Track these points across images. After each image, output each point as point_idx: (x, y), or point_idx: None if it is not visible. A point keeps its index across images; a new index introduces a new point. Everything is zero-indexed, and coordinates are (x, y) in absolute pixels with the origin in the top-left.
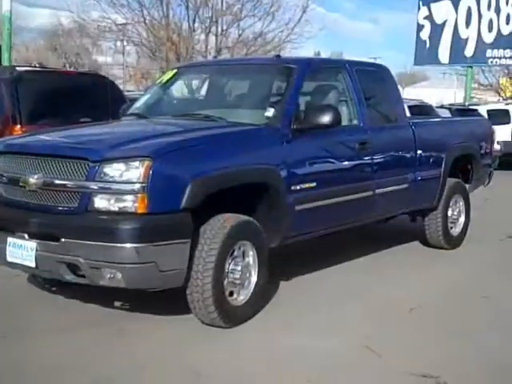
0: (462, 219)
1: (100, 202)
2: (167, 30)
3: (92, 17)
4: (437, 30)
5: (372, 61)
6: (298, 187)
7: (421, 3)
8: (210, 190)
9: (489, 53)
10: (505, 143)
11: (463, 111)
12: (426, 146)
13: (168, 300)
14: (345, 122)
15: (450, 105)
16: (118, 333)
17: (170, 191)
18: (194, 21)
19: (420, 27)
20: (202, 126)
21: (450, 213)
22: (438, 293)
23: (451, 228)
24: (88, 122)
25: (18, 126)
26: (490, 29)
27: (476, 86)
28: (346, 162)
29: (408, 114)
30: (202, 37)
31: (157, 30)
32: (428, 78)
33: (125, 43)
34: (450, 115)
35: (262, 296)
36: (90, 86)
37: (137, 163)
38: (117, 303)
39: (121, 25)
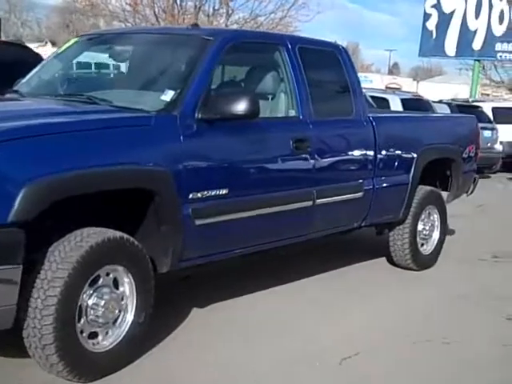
0: (436, 235)
1: None
2: (154, 8)
3: None
4: (444, 19)
5: (387, 53)
6: (200, 195)
7: None
8: (54, 197)
9: (498, 46)
10: (509, 144)
11: (464, 107)
12: (389, 146)
13: None
14: (279, 114)
15: (451, 100)
16: None
17: None
18: None
19: (427, 16)
20: (70, 111)
21: (420, 227)
22: (386, 335)
23: (422, 245)
24: None
25: None
26: (501, 21)
27: (488, 82)
28: (274, 164)
29: (400, 108)
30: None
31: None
32: (444, 73)
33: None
34: (449, 111)
35: (144, 337)
36: (10, 57)
37: None
38: None
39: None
